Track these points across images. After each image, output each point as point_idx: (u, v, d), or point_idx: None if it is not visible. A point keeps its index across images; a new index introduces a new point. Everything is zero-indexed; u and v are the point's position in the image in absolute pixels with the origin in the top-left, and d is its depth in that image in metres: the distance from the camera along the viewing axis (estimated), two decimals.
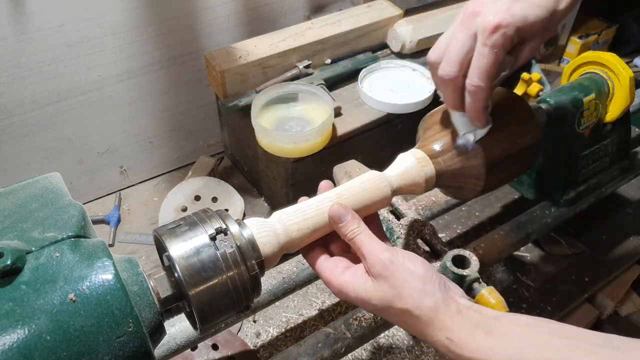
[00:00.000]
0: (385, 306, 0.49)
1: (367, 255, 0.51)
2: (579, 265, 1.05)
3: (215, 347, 0.90)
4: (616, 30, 1.57)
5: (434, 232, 0.75)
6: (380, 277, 0.50)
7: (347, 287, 0.51)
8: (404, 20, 1.14)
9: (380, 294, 0.49)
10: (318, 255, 0.55)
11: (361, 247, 0.51)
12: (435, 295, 0.48)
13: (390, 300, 0.49)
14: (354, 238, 0.52)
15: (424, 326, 0.48)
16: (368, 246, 0.51)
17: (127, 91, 1.09)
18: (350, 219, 0.53)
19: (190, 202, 1.13)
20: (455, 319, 0.47)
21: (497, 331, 0.46)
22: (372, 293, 0.50)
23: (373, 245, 0.51)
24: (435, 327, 0.48)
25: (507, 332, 0.46)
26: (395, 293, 0.49)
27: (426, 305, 0.48)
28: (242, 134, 1.12)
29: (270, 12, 1.18)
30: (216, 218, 0.51)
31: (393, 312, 0.49)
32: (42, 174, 0.52)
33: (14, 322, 0.39)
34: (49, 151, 1.08)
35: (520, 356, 0.43)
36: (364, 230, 0.52)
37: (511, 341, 0.45)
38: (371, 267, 0.50)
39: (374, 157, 1.08)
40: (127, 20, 1.00)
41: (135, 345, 0.42)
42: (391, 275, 0.49)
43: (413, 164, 0.60)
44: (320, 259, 0.55)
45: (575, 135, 0.82)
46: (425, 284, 0.49)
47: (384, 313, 0.50)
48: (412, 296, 0.48)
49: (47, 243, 0.43)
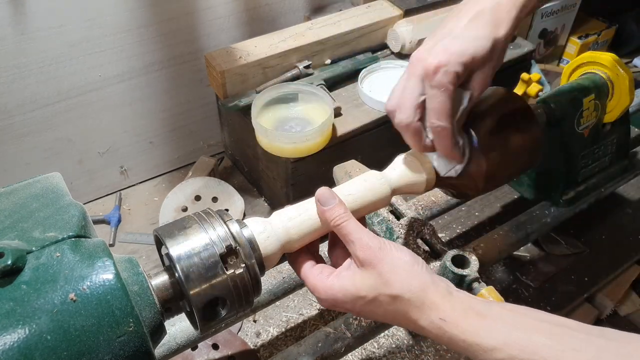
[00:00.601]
0: (374, 295, 0.49)
1: (355, 242, 0.50)
2: (579, 265, 1.05)
3: (215, 346, 0.90)
4: (616, 30, 1.57)
5: (434, 232, 0.75)
6: (368, 264, 0.49)
7: (333, 288, 0.51)
8: (403, 20, 1.14)
9: (370, 283, 0.49)
10: (303, 262, 0.55)
11: (349, 233, 0.51)
12: (424, 276, 0.48)
13: (380, 287, 0.48)
14: (342, 224, 0.51)
15: (416, 310, 0.48)
16: (356, 233, 0.51)
17: (128, 91, 1.09)
18: (337, 204, 0.52)
19: (191, 202, 1.13)
20: (447, 299, 0.47)
21: (489, 314, 0.46)
22: (360, 283, 0.49)
23: (361, 233, 0.51)
24: (427, 308, 0.47)
25: (499, 316, 0.46)
26: (385, 279, 0.48)
27: (415, 286, 0.48)
28: (242, 134, 1.12)
29: (270, 13, 1.18)
30: (217, 218, 0.51)
31: (383, 300, 0.49)
32: (43, 174, 0.52)
33: (14, 322, 0.39)
34: (49, 151, 1.08)
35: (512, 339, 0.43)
36: (351, 218, 0.52)
37: (503, 324, 0.45)
38: (359, 253, 0.50)
39: (374, 157, 1.08)
40: (127, 21, 1.00)
41: (136, 345, 0.42)
42: (379, 262, 0.49)
43: (413, 164, 0.60)
44: (306, 265, 0.55)
45: (575, 136, 0.82)
46: (413, 266, 0.49)
47: (373, 304, 0.50)
48: (401, 280, 0.48)
49: (47, 243, 0.43)
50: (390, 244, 0.51)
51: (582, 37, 1.50)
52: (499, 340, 0.44)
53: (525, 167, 0.68)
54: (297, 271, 0.56)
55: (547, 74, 1.43)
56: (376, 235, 0.51)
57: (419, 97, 0.55)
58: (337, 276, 0.52)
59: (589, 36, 1.51)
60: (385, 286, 0.48)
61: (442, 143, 0.56)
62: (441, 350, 0.91)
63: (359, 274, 0.50)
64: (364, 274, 0.50)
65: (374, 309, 0.50)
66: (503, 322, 0.45)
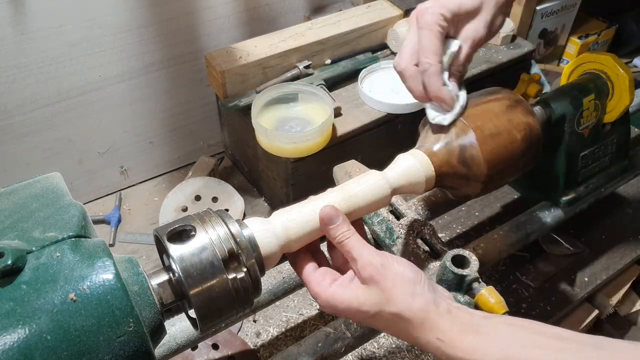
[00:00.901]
0: (376, 311, 0.49)
1: (357, 259, 0.51)
2: (579, 265, 1.05)
3: (215, 346, 0.90)
4: (616, 30, 1.57)
5: (434, 232, 0.75)
6: (371, 281, 0.50)
7: (335, 299, 0.51)
8: (403, 20, 1.14)
9: (372, 300, 0.49)
10: (305, 264, 0.55)
11: (351, 250, 0.52)
12: (426, 295, 0.49)
13: (382, 304, 0.49)
14: (344, 241, 0.52)
15: (415, 329, 0.48)
16: (358, 250, 0.51)
17: (128, 91, 1.09)
18: (341, 222, 0.53)
19: (191, 202, 1.13)
20: (445, 319, 0.48)
21: (486, 330, 0.47)
22: (363, 299, 0.50)
23: (363, 249, 0.51)
24: (427, 328, 0.48)
25: (496, 332, 0.46)
26: (387, 297, 0.49)
27: (417, 307, 0.48)
28: (242, 134, 1.12)
29: (270, 13, 1.19)
30: (217, 218, 0.51)
31: (384, 316, 0.49)
32: (43, 174, 0.52)
33: (14, 322, 0.39)
34: (49, 151, 1.08)
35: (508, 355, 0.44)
36: (354, 234, 0.53)
37: (500, 340, 0.45)
38: (362, 271, 0.50)
39: (374, 157, 1.08)
40: (127, 21, 1.00)
41: (136, 345, 0.42)
42: (382, 279, 0.49)
43: (413, 164, 0.60)
44: (307, 269, 0.55)
45: (575, 136, 0.82)
46: (416, 286, 0.49)
47: (374, 319, 0.50)
48: (403, 299, 0.49)
49: (47, 243, 0.43)
50: (392, 259, 0.51)
51: (582, 37, 1.50)
52: (496, 357, 0.44)
53: (524, 167, 0.68)
54: (299, 273, 0.56)
55: (547, 74, 1.43)
56: (377, 250, 0.52)
57: (415, 44, 0.61)
58: (340, 286, 0.52)
59: (589, 36, 1.51)
60: (387, 304, 0.49)
61: (430, 81, 0.60)
62: None
63: (361, 290, 0.50)
64: (366, 290, 0.50)
65: (375, 322, 0.51)
66: (500, 339, 0.46)
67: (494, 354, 0.45)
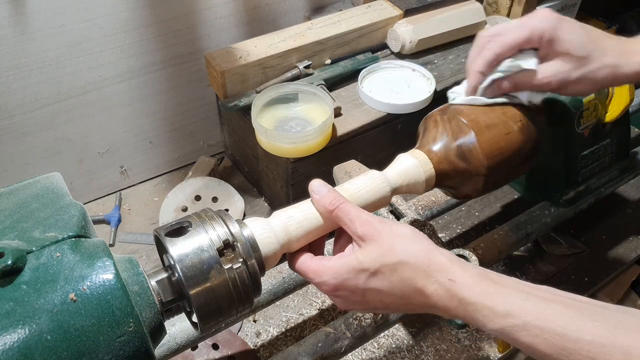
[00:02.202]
0: (378, 266, 0.48)
1: (355, 219, 0.50)
2: (579, 265, 1.05)
3: (215, 346, 0.90)
4: (616, 30, 1.57)
5: (434, 232, 0.75)
6: (369, 238, 0.49)
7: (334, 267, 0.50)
8: (403, 20, 1.14)
9: (372, 255, 0.48)
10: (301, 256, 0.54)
11: (348, 213, 0.51)
12: (427, 243, 0.48)
13: (383, 257, 0.48)
14: (339, 206, 0.51)
15: (422, 274, 0.46)
16: (355, 211, 0.51)
17: (128, 91, 1.09)
18: (330, 190, 0.53)
19: (191, 202, 1.13)
20: (454, 262, 0.46)
21: (503, 282, 0.44)
22: (362, 257, 0.49)
23: (359, 211, 0.51)
24: (434, 271, 0.46)
25: (514, 284, 0.44)
26: (387, 248, 0.48)
27: (419, 250, 0.47)
28: (242, 134, 1.12)
29: (270, 13, 1.19)
30: (217, 218, 0.51)
31: (387, 271, 0.48)
32: (43, 174, 0.52)
33: (14, 322, 0.39)
34: (50, 151, 1.08)
35: (528, 305, 0.42)
36: (347, 200, 0.52)
37: (518, 291, 0.43)
38: (359, 228, 0.50)
39: (374, 157, 1.09)
40: (127, 21, 1.00)
41: (136, 345, 0.42)
42: (380, 234, 0.49)
43: (413, 164, 0.61)
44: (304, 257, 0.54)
45: (575, 135, 0.82)
46: (416, 235, 0.49)
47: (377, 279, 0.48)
48: (404, 246, 0.47)
49: (47, 243, 0.43)
50: (391, 221, 0.51)
51: None
52: (515, 305, 0.42)
53: (524, 167, 0.68)
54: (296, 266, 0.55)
55: None
56: None
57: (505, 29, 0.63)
58: (339, 258, 0.51)
59: None
60: (388, 254, 0.48)
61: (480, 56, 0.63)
62: (441, 351, 0.91)
63: (360, 251, 0.50)
64: (365, 247, 0.49)
65: (378, 283, 0.48)
66: (518, 290, 0.43)
67: (512, 302, 0.42)
